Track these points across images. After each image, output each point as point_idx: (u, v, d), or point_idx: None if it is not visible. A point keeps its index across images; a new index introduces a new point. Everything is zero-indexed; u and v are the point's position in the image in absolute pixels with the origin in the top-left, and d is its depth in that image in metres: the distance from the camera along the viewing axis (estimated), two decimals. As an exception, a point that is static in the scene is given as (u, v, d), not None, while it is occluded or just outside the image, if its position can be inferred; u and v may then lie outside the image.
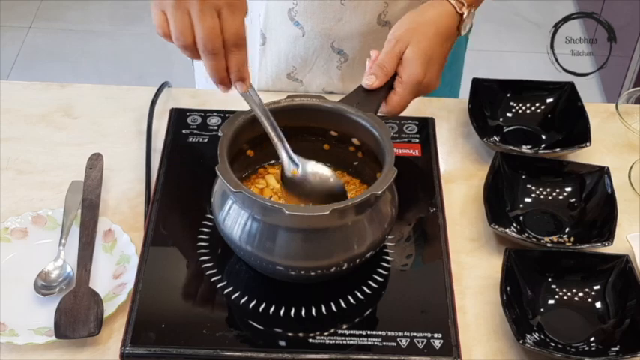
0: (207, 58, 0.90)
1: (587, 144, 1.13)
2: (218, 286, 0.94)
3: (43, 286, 0.96)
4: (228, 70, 0.91)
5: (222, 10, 0.89)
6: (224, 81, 0.92)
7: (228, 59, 0.90)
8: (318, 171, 0.94)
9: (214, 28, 0.89)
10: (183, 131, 1.13)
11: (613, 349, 0.92)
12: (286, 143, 0.93)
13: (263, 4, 1.21)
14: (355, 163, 1.02)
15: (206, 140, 1.12)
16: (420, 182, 1.08)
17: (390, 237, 0.98)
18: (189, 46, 0.91)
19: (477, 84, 1.22)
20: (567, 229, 1.06)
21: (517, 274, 0.97)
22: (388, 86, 1.04)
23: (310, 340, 0.89)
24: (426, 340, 0.89)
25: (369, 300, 0.93)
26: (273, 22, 1.22)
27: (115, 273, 0.98)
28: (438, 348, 0.88)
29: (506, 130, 1.20)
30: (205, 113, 1.16)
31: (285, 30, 1.22)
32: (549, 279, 0.99)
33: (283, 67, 1.26)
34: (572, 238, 1.04)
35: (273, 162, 1.02)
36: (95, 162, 1.10)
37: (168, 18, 0.90)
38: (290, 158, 0.93)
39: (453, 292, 0.94)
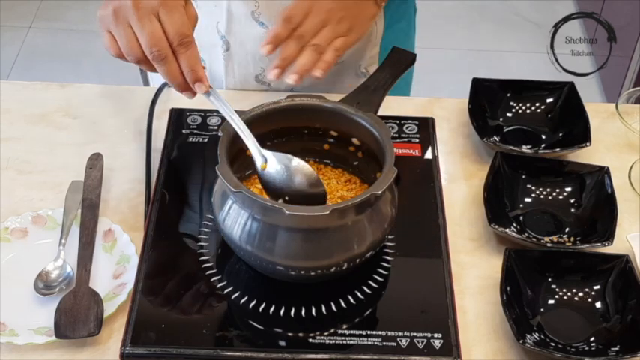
0: (158, 64, 0.89)
1: (587, 144, 1.13)
2: (218, 286, 0.94)
3: (43, 286, 0.96)
4: (183, 72, 0.90)
5: (160, 12, 0.87)
6: (183, 86, 0.91)
7: (179, 61, 0.89)
8: (287, 164, 0.92)
9: (155, 31, 0.87)
10: (183, 131, 1.13)
11: (613, 349, 0.92)
12: (253, 139, 0.91)
13: (223, 10, 1.20)
14: (355, 163, 1.02)
15: (206, 140, 1.12)
16: (420, 182, 1.08)
17: (390, 237, 0.98)
18: (142, 59, 0.90)
19: (477, 84, 1.22)
20: (567, 229, 1.06)
21: (517, 274, 0.97)
22: (386, 87, 1.04)
23: (310, 340, 0.89)
24: (426, 340, 0.89)
25: (369, 300, 0.93)
26: (237, 25, 1.21)
27: (115, 273, 0.98)
28: (438, 348, 0.88)
29: (506, 130, 1.20)
30: (205, 113, 1.16)
31: (250, 31, 1.21)
32: (549, 279, 0.99)
33: (251, 70, 1.25)
34: (572, 238, 1.04)
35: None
36: (95, 162, 1.10)
37: (114, 36, 0.89)
38: (260, 153, 0.92)
39: (453, 292, 0.94)
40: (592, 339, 0.94)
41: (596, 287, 0.98)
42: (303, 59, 1.03)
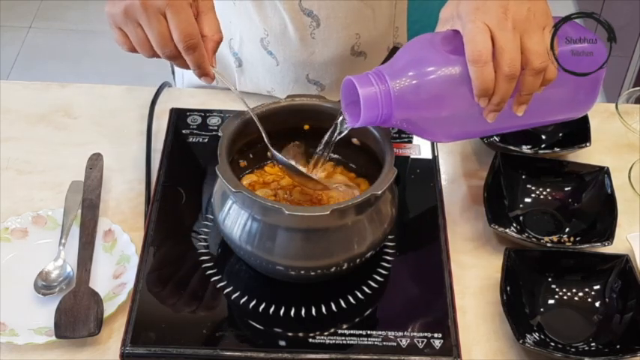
0: (170, 61, 0.92)
1: (587, 144, 1.13)
2: (218, 286, 0.94)
3: (43, 286, 0.96)
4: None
5: (167, 12, 0.87)
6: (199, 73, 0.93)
7: (187, 61, 0.90)
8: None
9: (163, 33, 0.88)
10: (183, 131, 1.13)
11: (613, 348, 0.92)
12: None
13: (237, 30, 1.20)
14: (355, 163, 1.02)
15: (206, 140, 1.12)
16: (420, 182, 1.08)
17: (390, 237, 0.98)
18: (155, 55, 0.91)
19: (477, 84, 1.22)
20: (567, 229, 1.06)
21: (517, 274, 0.97)
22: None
23: (310, 340, 0.89)
24: (426, 340, 0.89)
25: (369, 300, 0.93)
26: (248, 48, 1.21)
27: (115, 273, 0.98)
28: (438, 348, 0.88)
29: (506, 130, 1.20)
30: (205, 113, 1.16)
31: (260, 58, 1.21)
32: (549, 279, 0.99)
33: (262, 87, 1.25)
34: (572, 238, 1.04)
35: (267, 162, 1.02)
36: (95, 162, 1.10)
37: (126, 33, 0.90)
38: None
39: (453, 292, 0.94)
40: (592, 339, 0.94)
41: (596, 287, 0.98)
42: (530, 87, 0.86)
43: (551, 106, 0.95)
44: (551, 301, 0.98)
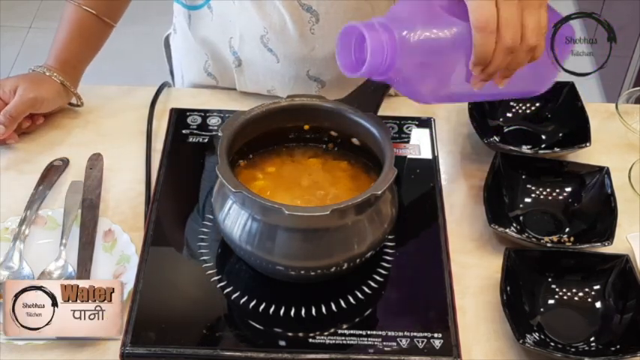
0: None
1: (587, 144, 1.13)
2: (218, 286, 0.94)
3: (44, 286, 0.96)
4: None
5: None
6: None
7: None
8: None
9: None
10: (183, 131, 1.13)
11: (613, 348, 0.92)
12: None
13: (237, 28, 1.21)
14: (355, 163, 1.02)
15: (206, 140, 1.12)
16: (420, 182, 1.08)
17: (390, 237, 0.98)
18: None
19: (477, 84, 1.22)
20: (567, 229, 1.06)
21: (517, 274, 0.97)
22: (385, 87, 1.04)
23: (310, 340, 0.89)
24: (426, 340, 0.89)
25: (369, 300, 0.93)
26: (248, 47, 1.21)
27: (115, 273, 0.98)
28: (438, 348, 0.88)
29: (506, 130, 1.20)
30: (205, 113, 1.16)
31: (260, 56, 1.21)
32: (549, 279, 0.99)
33: (262, 86, 1.25)
34: (572, 238, 1.04)
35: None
36: (95, 162, 1.11)
37: None
38: None
39: (453, 292, 0.94)
40: (592, 339, 0.94)
41: (596, 287, 0.98)
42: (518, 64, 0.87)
43: (522, 81, 0.94)
44: (551, 301, 0.98)
